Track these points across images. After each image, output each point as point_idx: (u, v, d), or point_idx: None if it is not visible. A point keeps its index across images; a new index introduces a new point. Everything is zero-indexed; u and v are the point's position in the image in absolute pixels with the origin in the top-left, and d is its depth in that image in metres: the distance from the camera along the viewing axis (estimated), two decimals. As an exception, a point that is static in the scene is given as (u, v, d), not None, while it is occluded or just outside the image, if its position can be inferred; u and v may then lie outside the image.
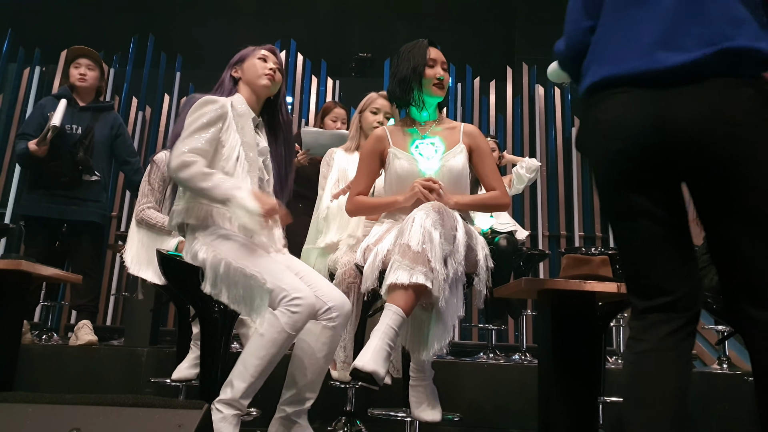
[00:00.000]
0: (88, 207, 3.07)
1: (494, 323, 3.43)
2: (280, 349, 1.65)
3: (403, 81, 2.01)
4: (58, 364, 2.80)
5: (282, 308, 1.63)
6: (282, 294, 1.64)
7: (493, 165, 2.07)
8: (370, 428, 2.32)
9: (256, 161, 1.86)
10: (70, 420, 0.96)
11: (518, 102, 5.66)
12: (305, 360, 1.79)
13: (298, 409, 1.81)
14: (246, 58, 1.98)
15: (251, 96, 1.96)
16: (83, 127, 3.09)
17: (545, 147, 5.55)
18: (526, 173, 3.63)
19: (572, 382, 1.71)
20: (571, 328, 1.75)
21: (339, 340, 1.87)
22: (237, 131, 1.84)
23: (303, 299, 1.64)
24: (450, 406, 2.21)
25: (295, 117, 5.59)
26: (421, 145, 1.98)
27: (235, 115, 1.86)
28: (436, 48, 2.06)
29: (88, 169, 3.06)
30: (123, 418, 0.96)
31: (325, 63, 5.73)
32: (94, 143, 3.10)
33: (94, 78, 3.20)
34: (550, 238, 5.35)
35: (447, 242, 1.68)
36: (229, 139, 1.81)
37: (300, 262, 1.94)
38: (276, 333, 1.63)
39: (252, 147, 1.87)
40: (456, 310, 1.73)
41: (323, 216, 2.45)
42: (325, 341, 1.78)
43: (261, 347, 1.64)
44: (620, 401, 2.55)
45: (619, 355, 3.43)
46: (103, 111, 3.23)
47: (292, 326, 1.63)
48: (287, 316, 1.62)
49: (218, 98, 1.85)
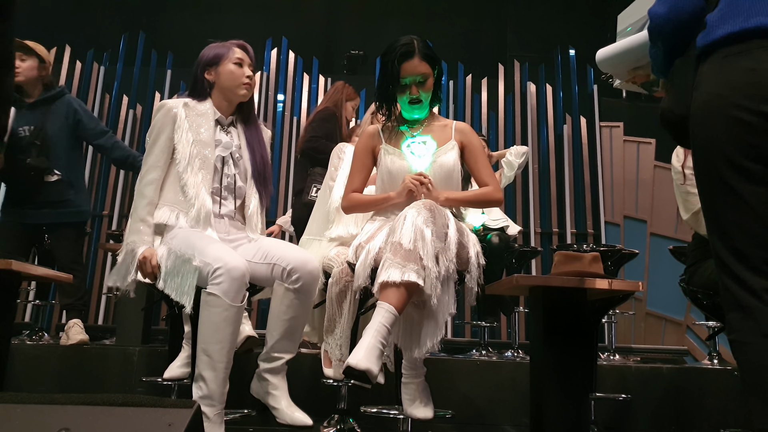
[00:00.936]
0: (56, 208, 2.92)
1: (486, 320, 3.43)
2: (235, 324, 1.70)
3: (380, 97, 2.04)
4: (49, 364, 2.78)
5: (209, 285, 1.69)
6: (207, 269, 1.70)
7: (486, 161, 2.07)
8: (363, 426, 2.32)
9: (210, 158, 1.92)
10: (60, 420, 0.96)
11: (510, 99, 5.67)
12: (272, 321, 1.90)
13: (269, 366, 1.88)
14: (221, 61, 2.00)
15: (223, 102, 2.03)
16: (34, 125, 2.87)
17: (537, 144, 5.57)
18: (515, 159, 3.65)
19: (564, 379, 1.72)
20: (562, 325, 1.75)
21: (307, 302, 1.92)
22: (190, 130, 1.92)
23: (222, 266, 1.68)
24: (442, 402, 2.22)
25: (287, 115, 5.58)
26: (412, 144, 1.98)
27: (191, 114, 1.95)
28: (410, 60, 1.95)
29: (45, 170, 2.86)
30: (113, 418, 0.95)
31: (316, 60, 5.71)
32: (47, 141, 2.87)
33: (29, 68, 2.90)
34: (542, 235, 5.37)
35: (438, 240, 1.68)
36: (181, 140, 1.91)
37: (266, 243, 1.98)
38: (222, 311, 1.67)
39: (207, 144, 1.93)
40: (448, 307, 1.73)
41: (336, 206, 2.44)
42: (288, 304, 1.86)
43: (216, 330, 1.68)
44: (612, 397, 2.58)
45: (611, 351, 3.45)
46: (54, 101, 2.97)
47: (227, 296, 1.67)
48: (219, 288, 1.67)
49: (167, 102, 1.97)
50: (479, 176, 2.04)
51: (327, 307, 2.14)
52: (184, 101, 1.98)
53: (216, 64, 2.00)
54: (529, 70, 5.71)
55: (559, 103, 5.66)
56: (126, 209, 5.36)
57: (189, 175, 1.89)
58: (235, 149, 2.01)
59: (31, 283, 3.81)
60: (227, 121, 2.04)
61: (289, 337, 1.89)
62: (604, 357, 3.35)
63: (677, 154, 2.09)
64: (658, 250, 5.19)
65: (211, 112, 1.99)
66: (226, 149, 1.99)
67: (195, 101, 2.00)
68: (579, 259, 1.92)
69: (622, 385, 2.71)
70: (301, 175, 3.40)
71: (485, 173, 2.04)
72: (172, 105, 1.96)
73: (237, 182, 1.99)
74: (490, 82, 5.70)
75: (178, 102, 1.97)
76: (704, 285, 1.95)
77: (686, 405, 2.72)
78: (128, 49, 5.76)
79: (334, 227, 2.42)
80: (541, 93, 5.68)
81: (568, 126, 5.59)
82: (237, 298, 1.71)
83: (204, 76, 2.00)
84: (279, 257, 1.89)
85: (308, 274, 1.89)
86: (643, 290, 5.16)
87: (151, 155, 1.93)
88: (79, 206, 3.00)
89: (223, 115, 2.02)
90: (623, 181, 5.54)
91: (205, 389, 1.66)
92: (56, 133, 2.93)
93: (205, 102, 2.00)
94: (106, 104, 5.61)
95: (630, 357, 3.70)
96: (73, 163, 3.02)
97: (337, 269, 2.25)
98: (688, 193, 2.03)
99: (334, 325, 2.14)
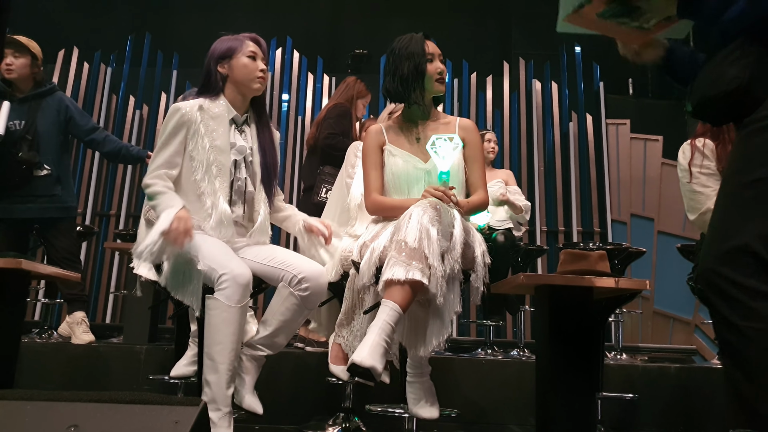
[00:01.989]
0: (43, 203, 2.94)
1: (492, 319, 3.43)
2: (234, 325, 1.70)
3: (404, 79, 1.99)
4: (57, 362, 2.81)
5: (216, 289, 1.70)
6: (213, 275, 1.71)
7: (481, 163, 2.05)
8: (368, 424, 2.33)
9: (225, 164, 1.90)
10: (68, 417, 0.96)
11: (515, 97, 5.66)
12: (268, 315, 1.89)
13: (251, 353, 1.89)
14: (234, 55, 1.96)
15: (237, 96, 1.99)
16: (25, 120, 2.90)
17: (542, 142, 5.55)
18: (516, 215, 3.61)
19: (570, 378, 1.72)
20: (569, 324, 1.75)
21: (305, 311, 1.91)
22: (206, 135, 1.89)
23: (227, 273, 1.69)
24: (448, 402, 2.22)
25: (291, 114, 5.59)
26: (437, 140, 1.95)
27: (206, 118, 1.91)
28: (431, 41, 2.04)
29: (35, 164, 2.88)
30: (120, 415, 0.96)
31: (321, 60, 5.72)
32: (38, 136, 2.91)
33: (22, 66, 2.93)
34: (548, 233, 5.35)
35: (444, 238, 1.68)
36: (197, 147, 1.88)
37: (276, 249, 1.97)
38: (221, 312, 1.68)
39: (223, 150, 1.90)
40: (453, 306, 1.73)
41: (357, 203, 2.43)
42: (288, 306, 1.86)
43: (216, 332, 1.69)
44: (618, 397, 2.57)
45: (618, 350, 3.43)
46: (45, 97, 2.99)
47: (231, 300, 1.69)
48: (222, 294, 1.68)
49: (182, 105, 1.91)
50: (471, 177, 2.03)
51: (345, 299, 2.14)
52: (198, 104, 1.92)
53: (229, 57, 1.96)
54: (534, 67, 5.69)
55: (565, 100, 5.64)
56: (133, 209, 5.40)
57: (207, 183, 1.87)
58: (248, 152, 1.98)
59: (40, 282, 3.84)
60: (242, 119, 2.00)
61: (277, 335, 1.89)
62: (611, 356, 3.34)
63: (684, 152, 2.07)
64: (665, 248, 5.16)
65: (225, 111, 1.94)
66: (240, 153, 1.95)
67: (209, 101, 1.94)
68: (585, 258, 1.91)
69: (629, 385, 2.70)
70: (310, 171, 3.36)
71: (477, 175, 2.03)
72: (189, 108, 1.90)
73: (247, 186, 1.97)
74: (495, 80, 5.68)
75: (192, 105, 1.91)
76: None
77: (694, 405, 2.70)
78: (134, 50, 5.79)
79: (358, 224, 2.41)
80: (547, 91, 5.66)
81: (574, 124, 5.57)
82: (241, 302, 1.71)
83: (217, 69, 1.96)
84: (291, 265, 1.87)
85: (319, 286, 1.88)
86: (651, 289, 5.13)
87: (160, 156, 1.87)
88: (66, 202, 3.03)
89: (237, 113, 1.98)
90: (630, 178, 5.51)
91: (210, 394, 1.67)
92: (47, 129, 2.96)
93: (219, 99, 1.95)
94: (113, 105, 5.64)
95: (637, 356, 3.69)
96: (61, 159, 3.04)
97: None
98: (694, 192, 2.01)
99: (352, 318, 2.13)
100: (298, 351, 2.83)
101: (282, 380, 2.63)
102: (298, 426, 2.39)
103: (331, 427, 2.30)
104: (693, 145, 2.03)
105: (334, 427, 2.29)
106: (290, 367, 2.68)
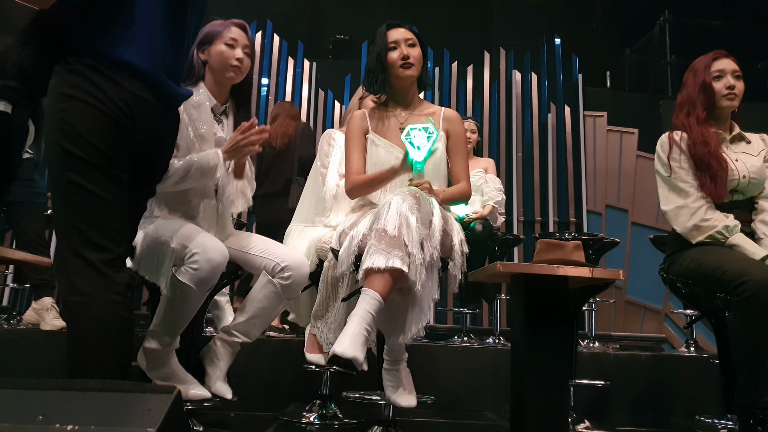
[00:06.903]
0: (20, 186, 2.94)
1: (469, 307, 3.46)
2: (188, 302, 1.69)
3: (370, 71, 2.02)
4: (27, 349, 2.75)
5: (183, 266, 1.67)
6: (184, 251, 1.67)
7: (464, 154, 2.05)
8: (345, 411, 2.33)
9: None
10: (37, 406, 0.94)
11: (495, 87, 5.67)
12: (246, 302, 1.89)
13: (226, 339, 1.89)
14: (214, 40, 1.90)
15: (215, 84, 1.93)
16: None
17: (521, 133, 5.58)
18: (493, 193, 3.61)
19: (544, 365, 1.74)
20: (543, 312, 1.76)
21: (283, 301, 1.90)
22: (189, 125, 1.83)
23: (201, 254, 1.66)
24: (424, 388, 2.23)
25: (270, 99, 5.51)
26: (412, 130, 1.93)
27: (188, 107, 1.84)
28: (398, 27, 2.02)
29: None
30: (91, 404, 0.94)
31: (302, 44, 5.64)
32: None
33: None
34: (525, 223, 5.41)
35: (423, 226, 1.68)
36: (182, 135, 1.79)
37: (257, 237, 1.96)
38: (179, 292, 1.67)
39: (207, 140, 1.86)
40: (431, 293, 1.73)
41: (332, 193, 2.41)
42: (266, 294, 1.85)
43: (169, 305, 1.70)
44: (591, 384, 2.62)
45: (591, 338, 3.50)
46: None
47: (193, 281, 1.66)
48: (189, 273, 1.66)
49: None
50: (454, 168, 2.03)
51: (320, 291, 2.12)
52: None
53: (209, 43, 1.90)
54: (514, 58, 5.71)
55: (544, 91, 5.68)
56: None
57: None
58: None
59: (9, 266, 3.75)
60: (220, 110, 1.95)
61: (253, 322, 1.88)
62: (584, 344, 3.40)
63: (662, 144, 2.09)
64: (638, 239, 5.26)
65: (206, 99, 1.89)
66: (219, 145, 1.90)
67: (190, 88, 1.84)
68: (561, 248, 1.93)
69: (601, 372, 2.75)
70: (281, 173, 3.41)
71: (460, 167, 2.02)
72: None
73: (222, 180, 1.92)
74: (475, 70, 5.69)
75: None
76: (683, 274, 1.98)
77: (663, 391, 2.77)
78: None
79: (333, 215, 2.39)
80: (527, 81, 5.69)
81: (553, 115, 5.61)
82: (205, 285, 1.68)
83: (198, 56, 1.90)
84: (273, 253, 1.87)
85: (300, 276, 1.87)
86: (624, 278, 5.23)
87: None
88: (41, 188, 3.06)
89: (217, 102, 1.93)
90: (606, 170, 5.59)
91: (154, 344, 1.75)
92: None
93: (198, 87, 1.89)
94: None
95: (609, 344, 3.76)
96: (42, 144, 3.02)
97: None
98: (672, 185, 2.03)
99: (326, 309, 2.12)
100: (274, 338, 2.82)
101: (259, 367, 2.62)
102: (275, 413, 2.38)
103: (308, 413, 2.30)
104: (671, 138, 2.05)
105: (311, 414, 2.29)
106: (267, 354, 2.67)
